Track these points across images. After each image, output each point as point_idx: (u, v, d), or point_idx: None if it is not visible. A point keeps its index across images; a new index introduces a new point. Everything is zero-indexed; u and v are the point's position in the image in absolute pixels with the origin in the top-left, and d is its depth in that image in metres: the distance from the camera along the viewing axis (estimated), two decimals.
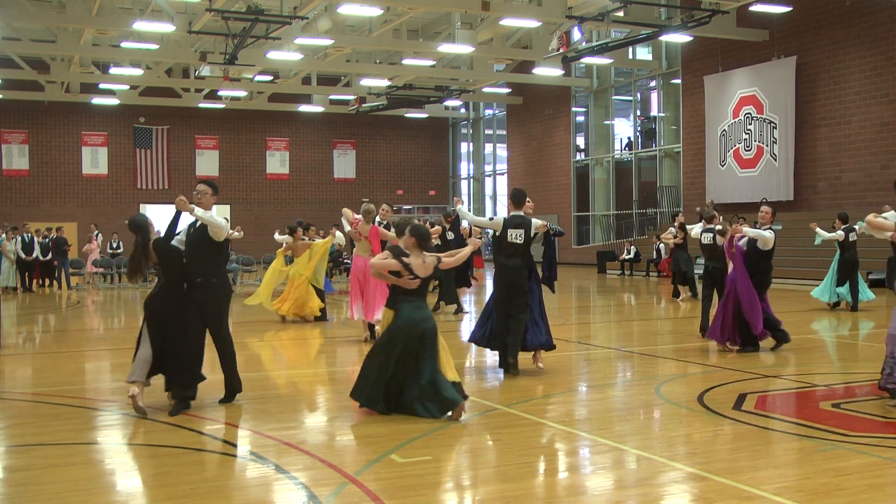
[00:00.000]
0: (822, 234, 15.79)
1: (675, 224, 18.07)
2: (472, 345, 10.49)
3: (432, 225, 17.53)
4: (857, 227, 15.41)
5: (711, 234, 11.47)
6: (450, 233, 17.09)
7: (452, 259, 7.80)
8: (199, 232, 7.53)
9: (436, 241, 16.05)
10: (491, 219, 9.57)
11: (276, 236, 17.35)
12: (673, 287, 18.33)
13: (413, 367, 7.15)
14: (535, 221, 9.27)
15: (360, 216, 12.00)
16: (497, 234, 9.24)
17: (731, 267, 10.71)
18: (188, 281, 7.52)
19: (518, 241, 9.10)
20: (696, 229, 12.31)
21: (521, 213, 9.24)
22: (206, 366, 7.85)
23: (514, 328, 9.02)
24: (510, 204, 9.40)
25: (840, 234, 15.59)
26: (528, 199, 9.36)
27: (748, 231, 10.52)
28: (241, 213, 38.40)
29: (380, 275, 7.40)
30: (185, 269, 7.52)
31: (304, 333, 13.98)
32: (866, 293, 16.12)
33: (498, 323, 9.17)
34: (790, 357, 11.08)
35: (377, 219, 12.27)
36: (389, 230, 11.87)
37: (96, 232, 26.11)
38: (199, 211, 7.38)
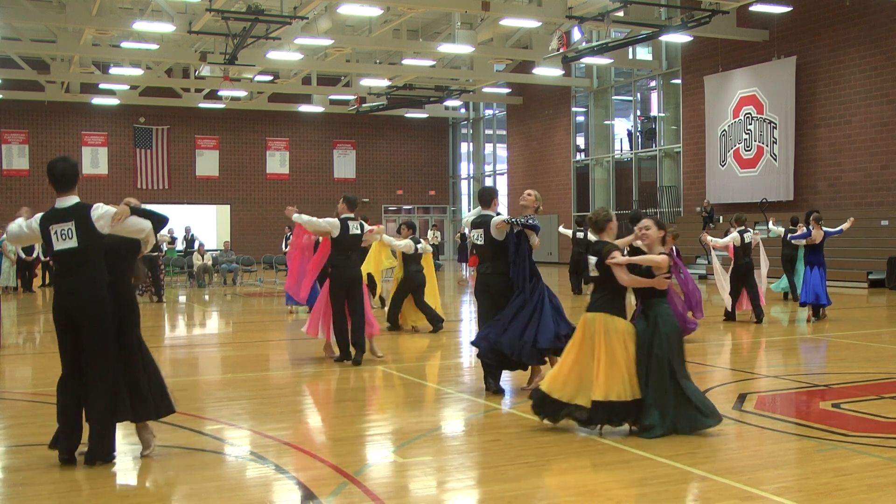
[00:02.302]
0: (774, 229, 16.72)
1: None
2: (470, 344, 10.44)
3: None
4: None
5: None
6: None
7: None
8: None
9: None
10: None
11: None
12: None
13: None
14: (496, 218, 8.12)
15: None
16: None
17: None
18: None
19: (479, 242, 8.27)
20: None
21: (486, 213, 8.32)
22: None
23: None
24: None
25: (781, 230, 16.52)
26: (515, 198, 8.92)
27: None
28: (241, 213, 38.44)
29: (635, 279, 6.41)
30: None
31: (302, 333, 13.97)
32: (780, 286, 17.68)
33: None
34: (790, 357, 11.09)
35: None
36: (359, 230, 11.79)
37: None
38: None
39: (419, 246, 13.15)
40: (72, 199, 5.84)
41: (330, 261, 9.95)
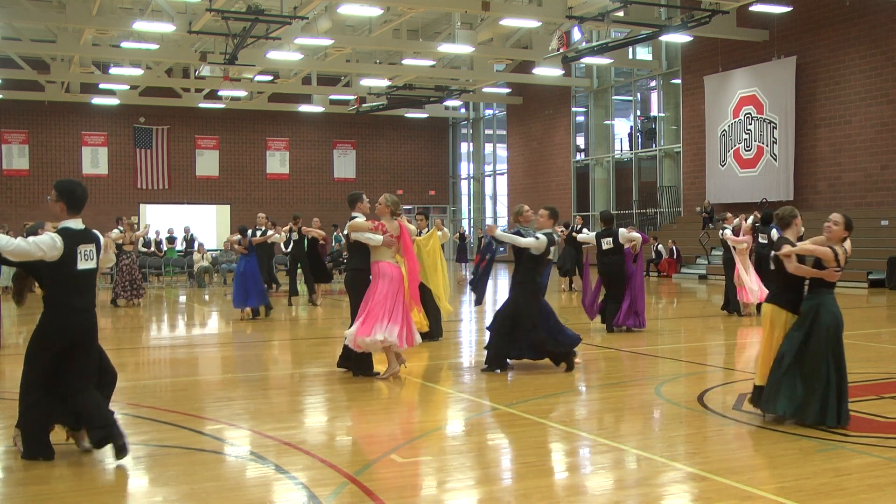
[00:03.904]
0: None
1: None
2: (470, 344, 10.46)
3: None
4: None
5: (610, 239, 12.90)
6: (295, 234, 18.38)
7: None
8: None
9: (279, 238, 17.24)
10: (537, 238, 9.23)
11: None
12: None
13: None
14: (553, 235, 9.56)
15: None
16: (535, 253, 9.25)
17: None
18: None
19: (553, 260, 9.56)
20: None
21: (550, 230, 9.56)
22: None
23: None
24: (549, 220, 9.50)
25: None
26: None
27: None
28: (241, 213, 38.39)
29: (800, 268, 6.64)
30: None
31: (301, 333, 13.98)
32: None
33: (521, 337, 9.35)
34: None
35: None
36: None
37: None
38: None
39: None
40: (81, 222, 6.02)
41: None
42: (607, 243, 12.78)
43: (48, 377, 5.91)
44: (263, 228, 16.88)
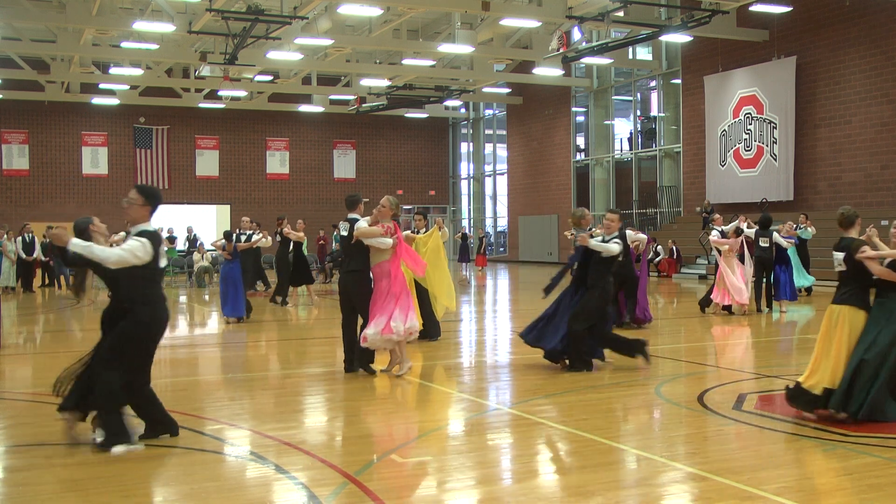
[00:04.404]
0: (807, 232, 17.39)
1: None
2: (470, 344, 10.43)
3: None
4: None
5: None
6: (279, 235, 18.45)
7: None
8: None
9: (265, 242, 16.77)
10: (617, 243, 9.59)
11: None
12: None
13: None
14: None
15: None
16: (608, 255, 9.42)
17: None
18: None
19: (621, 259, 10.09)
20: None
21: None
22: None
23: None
24: (618, 223, 10.03)
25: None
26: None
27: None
28: (241, 214, 38.33)
29: (884, 271, 6.74)
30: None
31: (301, 333, 13.97)
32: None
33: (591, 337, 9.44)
34: (790, 357, 11.09)
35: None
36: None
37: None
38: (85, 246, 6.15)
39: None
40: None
41: None
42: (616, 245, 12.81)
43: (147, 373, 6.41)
44: (249, 233, 16.74)
